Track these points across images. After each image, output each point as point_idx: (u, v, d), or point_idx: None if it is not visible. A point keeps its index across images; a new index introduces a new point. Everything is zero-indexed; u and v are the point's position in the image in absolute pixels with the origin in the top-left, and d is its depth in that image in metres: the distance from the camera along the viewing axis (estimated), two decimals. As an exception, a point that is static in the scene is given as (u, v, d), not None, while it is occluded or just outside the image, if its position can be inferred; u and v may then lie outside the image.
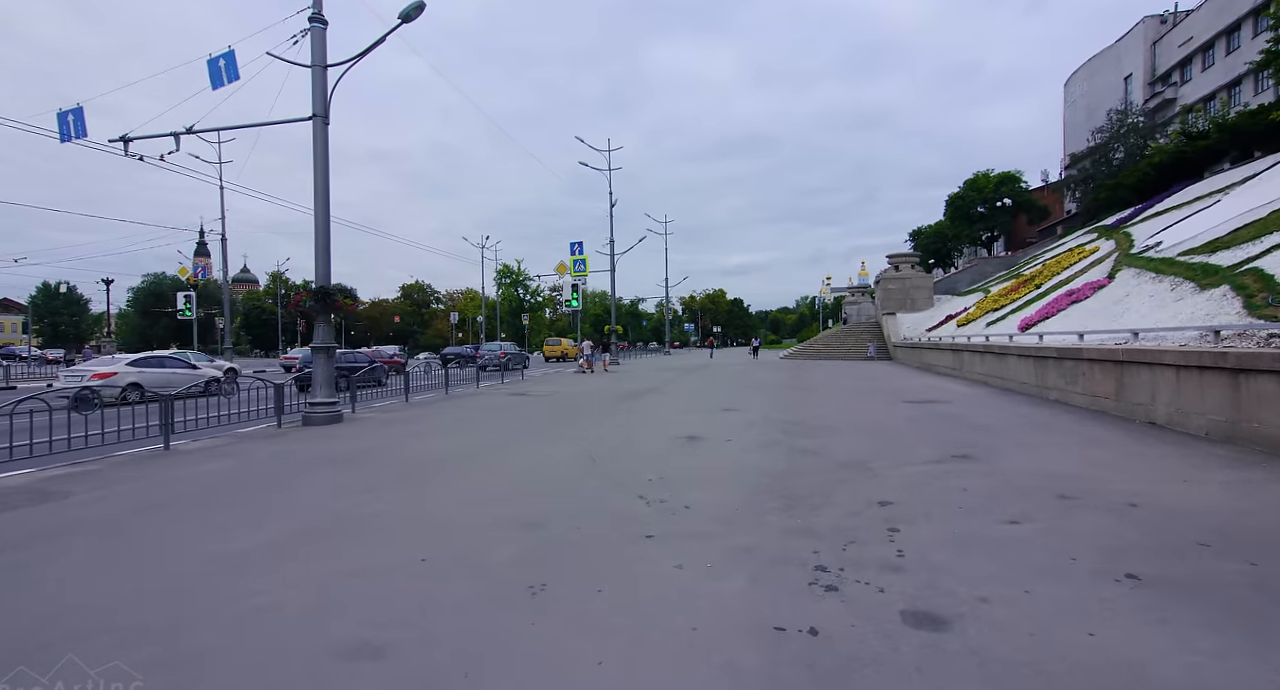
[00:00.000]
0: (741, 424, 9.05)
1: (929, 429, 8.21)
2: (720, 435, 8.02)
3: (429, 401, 13.76)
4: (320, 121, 10.11)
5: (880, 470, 5.72)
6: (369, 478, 5.91)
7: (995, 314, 21.16)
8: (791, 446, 7.10)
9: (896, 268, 33.51)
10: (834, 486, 5.14)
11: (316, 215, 10.09)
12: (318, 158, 10.10)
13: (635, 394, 14.55)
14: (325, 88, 10.19)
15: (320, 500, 5.03)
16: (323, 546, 3.87)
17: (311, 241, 10.08)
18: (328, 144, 10.19)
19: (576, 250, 26.31)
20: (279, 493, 5.38)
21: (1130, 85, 50.55)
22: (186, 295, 29.70)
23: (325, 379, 10.05)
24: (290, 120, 10.34)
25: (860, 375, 19.94)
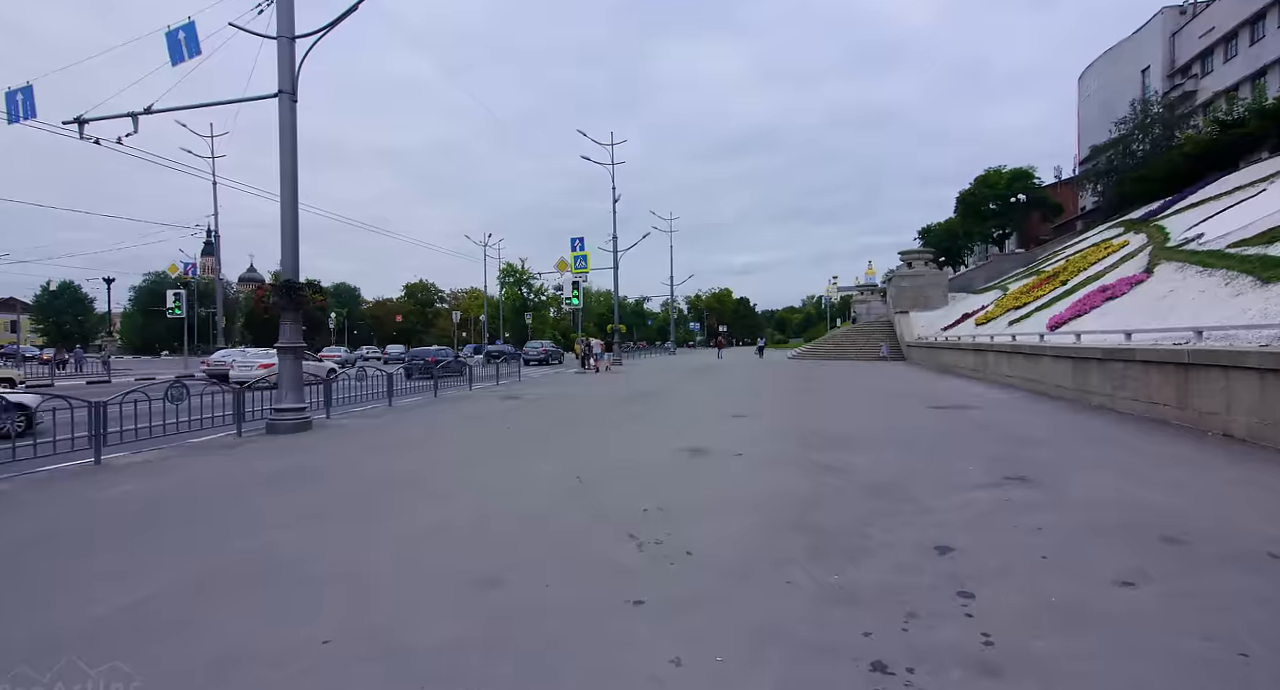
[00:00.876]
0: (752, 434, 8.05)
1: (968, 441, 7.17)
2: (729, 448, 7.02)
3: (415, 406, 12.82)
4: (287, 98, 9.17)
5: (924, 497, 4.70)
6: (309, 505, 4.94)
7: (1017, 312, 20.03)
8: (811, 463, 6.08)
9: (909, 264, 32.34)
10: (872, 521, 4.13)
11: (283, 201, 9.15)
12: (284, 138, 9.16)
13: (637, 398, 13.56)
14: (293, 61, 9.24)
15: (234, 537, 4.07)
16: (201, 612, 2.90)
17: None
18: (295, 123, 9.25)
19: (577, 246, 25.30)
20: (190, 526, 4.41)
21: (1148, 78, 49.11)
22: (176, 293, 28.92)
23: (292, 382, 9.11)
24: (255, 98, 9.41)
25: (875, 377, 18.87)
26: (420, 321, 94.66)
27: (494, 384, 18.31)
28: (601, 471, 5.96)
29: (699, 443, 7.40)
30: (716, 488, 5.24)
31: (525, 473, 5.97)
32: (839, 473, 5.62)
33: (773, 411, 10.57)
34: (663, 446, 7.23)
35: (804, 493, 4.94)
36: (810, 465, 5.99)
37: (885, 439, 7.42)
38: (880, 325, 36.04)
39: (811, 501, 4.68)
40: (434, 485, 5.53)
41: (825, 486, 5.14)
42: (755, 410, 10.76)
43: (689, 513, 4.47)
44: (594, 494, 5.07)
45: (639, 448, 7.28)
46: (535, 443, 7.78)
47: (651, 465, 6.21)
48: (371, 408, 12.39)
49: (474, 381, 18.09)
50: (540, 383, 19.46)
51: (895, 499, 4.71)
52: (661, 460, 6.44)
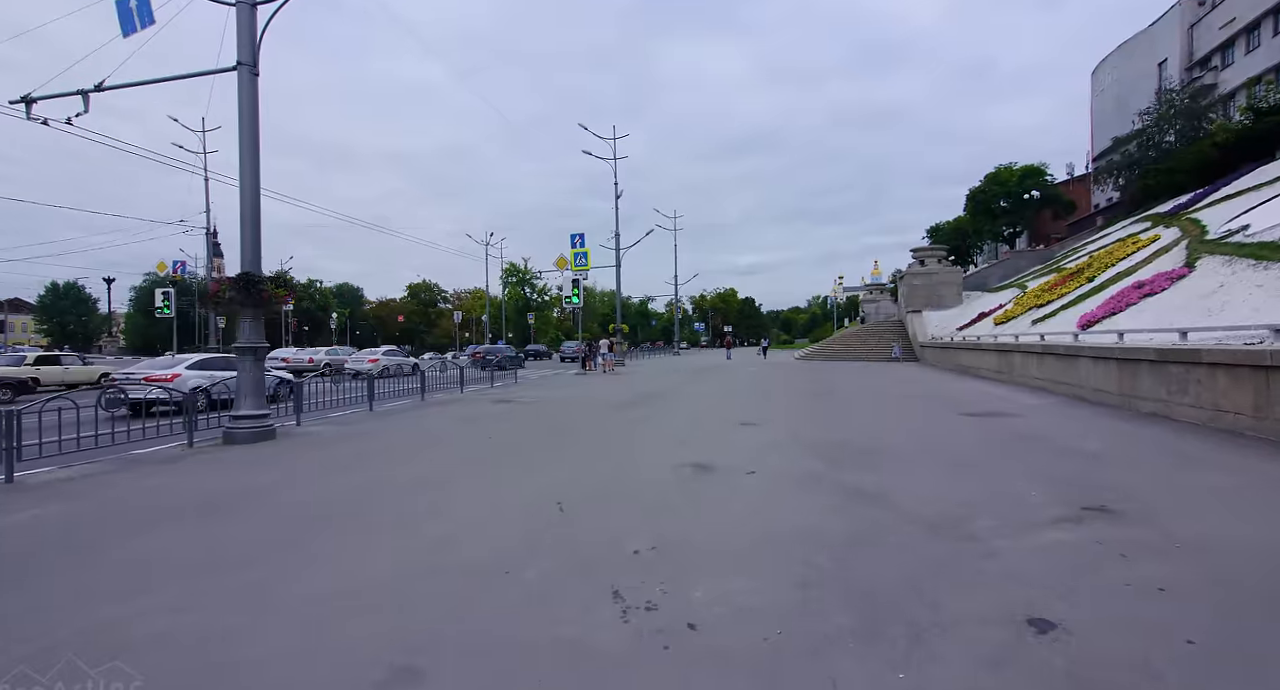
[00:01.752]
0: (765, 446, 7.06)
1: (1021, 458, 6.16)
2: (738, 463, 6.05)
3: (398, 410, 11.89)
4: (247, 71, 8.25)
5: (989, 536, 3.72)
6: (220, 543, 3.99)
7: (1040, 310, 18.96)
8: (840, 485, 5.10)
9: (922, 262, 31.22)
10: (932, 575, 3.15)
11: (242, 185, 8.24)
12: (244, 115, 8.24)
13: (637, 401, 12.59)
14: (253, 30, 8.34)
15: (94, 598, 3.12)
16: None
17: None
18: (257, 99, 8.33)
19: (578, 243, 24.31)
20: (50, 576, 3.47)
21: (1165, 71, 47.83)
22: (165, 292, 28.15)
23: (252, 387, 8.19)
24: (213, 71, 8.49)
25: (892, 379, 17.83)
26: (423, 322, 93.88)
27: (488, 386, 17.39)
28: (589, 495, 5.00)
29: (704, 456, 6.43)
30: (726, 520, 4.26)
31: (498, 497, 5.01)
32: (875, 500, 4.64)
33: (786, 418, 9.58)
34: (663, 461, 6.26)
35: (837, 530, 3.96)
36: (838, 488, 5.01)
37: (919, 453, 6.42)
38: (891, 325, 34.93)
39: (849, 542, 3.70)
40: (381, 514, 4.58)
41: (862, 520, 4.16)
42: (766, 416, 9.78)
43: (692, 557, 3.50)
44: (575, 527, 4.11)
45: (636, 462, 6.31)
46: (518, 456, 6.82)
47: (648, 486, 5.24)
48: (351, 413, 11.47)
49: (466, 383, 17.18)
50: (537, 385, 18.52)
51: (954, 538, 3.72)
52: (660, 479, 5.48)
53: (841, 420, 9.24)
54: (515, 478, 5.70)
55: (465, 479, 5.73)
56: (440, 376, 16.96)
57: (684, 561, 3.44)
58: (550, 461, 6.45)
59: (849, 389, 14.64)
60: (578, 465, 6.21)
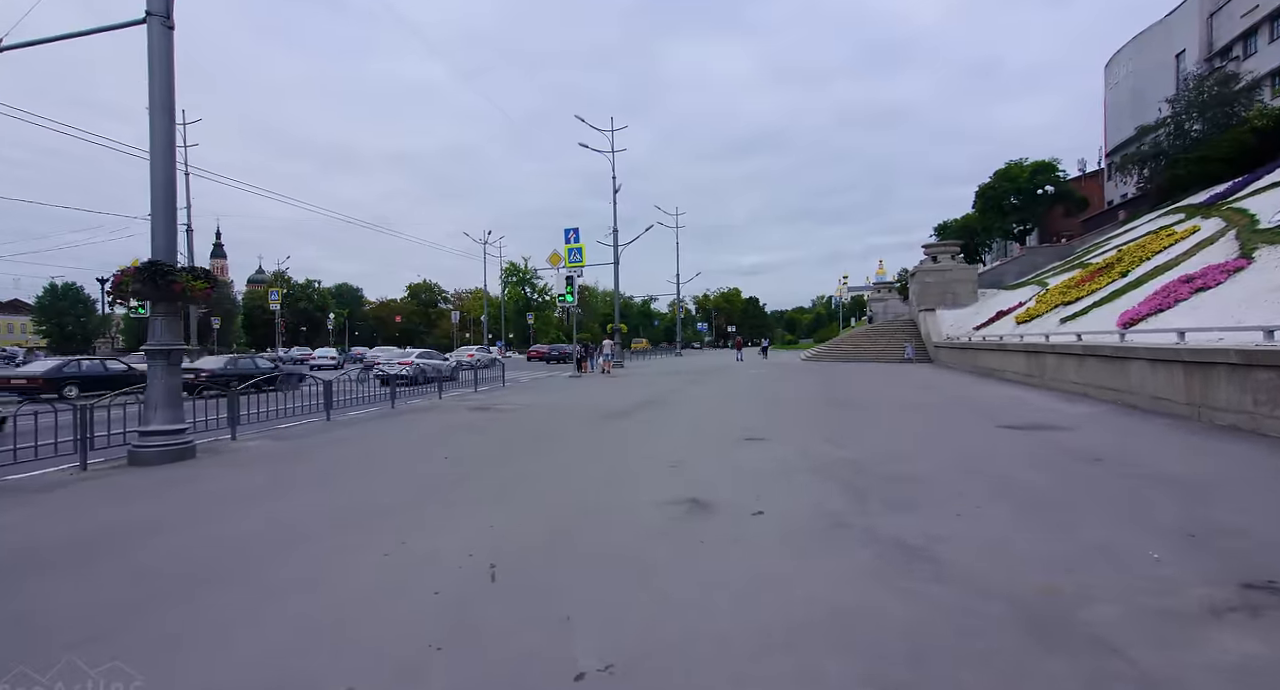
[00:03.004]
0: (774, 469, 5.74)
1: (1103, 490, 4.81)
2: (743, 498, 4.73)
3: (358, 421, 10.61)
4: (159, 23, 6.98)
5: (1133, 647, 2.39)
6: (16, 631, 2.70)
7: (1068, 308, 17.57)
8: (874, 534, 3.78)
9: (934, 258, 29.77)
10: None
11: (153, 157, 6.97)
12: (155, 74, 6.97)
13: (629, 410, 11.27)
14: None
15: None
16: None
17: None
18: (171, 55, 7.06)
19: (572, 238, 22.93)
20: None
21: (1183, 62, 46.33)
22: None
23: (166, 397, 6.91)
24: (117, 26, 7.22)
25: (908, 382, 16.45)
26: (423, 322, 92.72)
27: (471, 390, 16.10)
28: (538, 548, 3.69)
29: (699, 487, 5.11)
30: (726, 601, 2.94)
31: (416, 553, 3.70)
32: (928, 561, 3.31)
33: (797, 430, 8.25)
34: (647, 493, 4.95)
35: (890, 621, 2.64)
36: (871, 539, 3.68)
37: (965, 482, 5.08)
38: (902, 324, 33.52)
39: (912, 653, 2.38)
40: (244, 582, 3.26)
41: (921, 600, 2.83)
42: (774, 429, 8.45)
43: (672, 682, 2.18)
44: (502, 609, 2.80)
45: (613, 495, 4.99)
46: (468, 486, 5.51)
47: (622, 535, 3.92)
48: (305, 423, 10.19)
49: (450, 387, 15.92)
50: (525, 389, 17.22)
51: (1071, 643, 2.40)
52: (641, 524, 4.16)
53: (860, 433, 7.90)
54: (452, 521, 4.39)
55: (394, 517, 4.42)
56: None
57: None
58: (507, 494, 5.14)
59: (863, 394, 13.28)
60: (539, 501, 4.89)
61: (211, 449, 7.67)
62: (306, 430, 9.42)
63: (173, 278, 6.78)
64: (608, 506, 4.64)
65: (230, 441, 8.32)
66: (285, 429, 9.54)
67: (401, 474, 6.07)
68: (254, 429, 9.24)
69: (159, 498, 5.32)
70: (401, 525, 4.25)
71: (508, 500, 4.87)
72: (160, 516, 4.69)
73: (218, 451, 7.53)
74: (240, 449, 7.80)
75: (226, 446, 7.94)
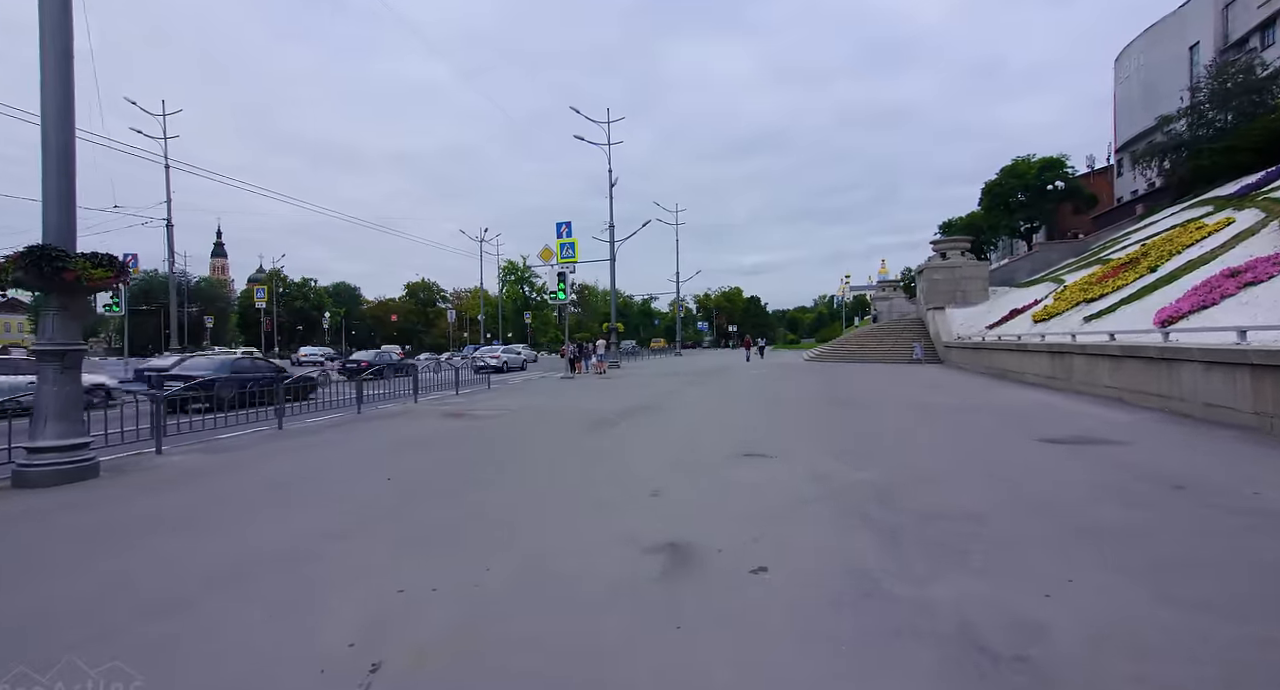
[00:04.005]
0: (779, 499, 4.64)
1: (1224, 536, 3.70)
2: (738, 543, 3.64)
3: (316, 428, 9.55)
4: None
5: None
6: None
7: (1092, 306, 16.44)
8: (932, 615, 2.68)
9: (943, 255, 28.57)
10: None
11: (44, 114, 5.89)
12: (46, 17, 5.88)
13: (617, 417, 10.19)
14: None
15: None
16: None
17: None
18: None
19: (564, 232, 21.79)
20: None
21: (1197, 54, 45.16)
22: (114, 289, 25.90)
23: (60, 406, 5.84)
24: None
25: (921, 384, 15.33)
26: (421, 321, 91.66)
27: (453, 392, 15.02)
28: (447, 635, 2.60)
29: (685, 525, 4.02)
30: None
31: (285, 632, 2.61)
32: (1025, 671, 2.21)
33: (805, 443, 7.15)
34: (617, 535, 3.86)
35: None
36: (935, 632, 2.56)
37: (1038, 524, 3.96)
38: (908, 323, 32.36)
39: None
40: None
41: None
42: (777, 440, 7.36)
43: None
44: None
45: (571, 540, 3.90)
46: (399, 521, 4.42)
47: (567, 616, 2.83)
48: (254, 431, 9.12)
49: (431, 389, 14.85)
50: (511, 392, 16.14)
51: None
52: (605, 581, 3.08)
53: (878, 447, 6.79)
54: (353, 581, 3.30)
55: (265, 582, 3.33)
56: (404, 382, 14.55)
57: None
58: (439, 538, 4.05)
59: (875, 398, 12.17)
60: (474, 550, 3.80)
61: (123, 466, 6.59)
62: (251, 441, 8.35)
63: (63, 264, 5.69)
64: (561, 559, 3.54)
65: (154, 456, 7.24)
66: (229, 439, 8.46)
67: (326, 503, 4.98)
68: (190, 440, 8.18)
69: (12, 538, 4.24)
70: (282, 587, 3.16)
71: (437, 547, 3.78)
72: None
73: (127, 470, 6.45)
74: (159, 466, 6.72)
75: (144, 463, 6.87)
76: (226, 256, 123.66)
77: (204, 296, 77.75)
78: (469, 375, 14.12)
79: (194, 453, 7.49)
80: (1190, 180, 25.01)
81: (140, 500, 5.19)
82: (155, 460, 7.02)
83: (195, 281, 77.97)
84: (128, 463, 6.80)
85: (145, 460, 7.01)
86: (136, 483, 5.87)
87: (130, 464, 6.75)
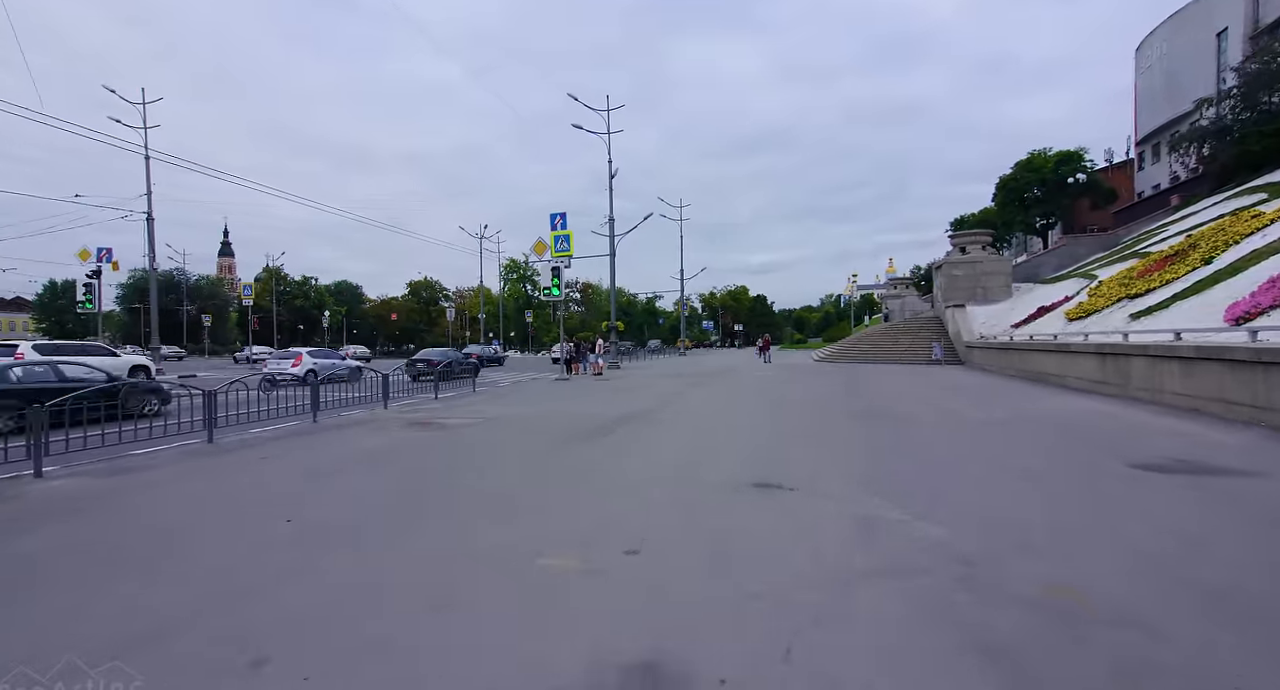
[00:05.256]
0: (817, 571, 3.19)
1: None
2: (753, 663, 2.21)
3: (257, 441, 8.19)
4: None
5: None
6: None
7: (1136, 302, 14.88)
8: None
9: (963, 250, 26.92)
10: None
11: None
12: None
13: (605, 428, 8.77)
14: None
15: None
16: None
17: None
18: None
19: (559, 223, 20.34)
20: None
21: (1224, 41, 43.31)
22: (87, 284, 24.68)
23: None
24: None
25: (953, 390, 13.83)
26: (424, 320, 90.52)
27: (431, 397, 13.65)
28: None
29: (672, 621, 2.59)
30: None
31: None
32: None
33: (832, 469, 5.70)
34: (571, 637, 2.44)
35: None
36: None
37: (1241, 642, 2.52)
38: (924, 322, 30.75)
39: None
40: None
41: None
42: (797, 464, 5.92)
43: None
44: None
45: (504, 652, 2.48)
46: (255, 602, 3.02)
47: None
48: (179, 446, 7.76)
49: (396, 396, 13.51)
50: (497, 397, 14.75)
51: None
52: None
53: (931, 478, 5.33)
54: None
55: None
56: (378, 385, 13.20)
57: None
58: (290, 642, 2.64)
59: (904, 406, 10.69)
60: (326, 672, 2.39)
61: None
62: (169, 459, 6.98)
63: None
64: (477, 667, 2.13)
65: (31, 481, 5.88)
66: (143, 456, 7.10)
67: (187, 566, 3.58)
68: (95, 457, 6.82)
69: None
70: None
71: (272, 667, 2.37)
72: None
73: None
74: (21, 495, 5.35)
75: (9, 490, 5.50)
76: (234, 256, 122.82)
77: (203, 295, 76.86)
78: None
79: (87, 476, 6.12)
80: (1233, 167, 23.30)
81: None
82: (27, 487, 5.66)
83: (195, 279, 77.10)
84: None
85: (16, 486, 5.65)
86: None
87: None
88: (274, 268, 75.30)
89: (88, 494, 5.39)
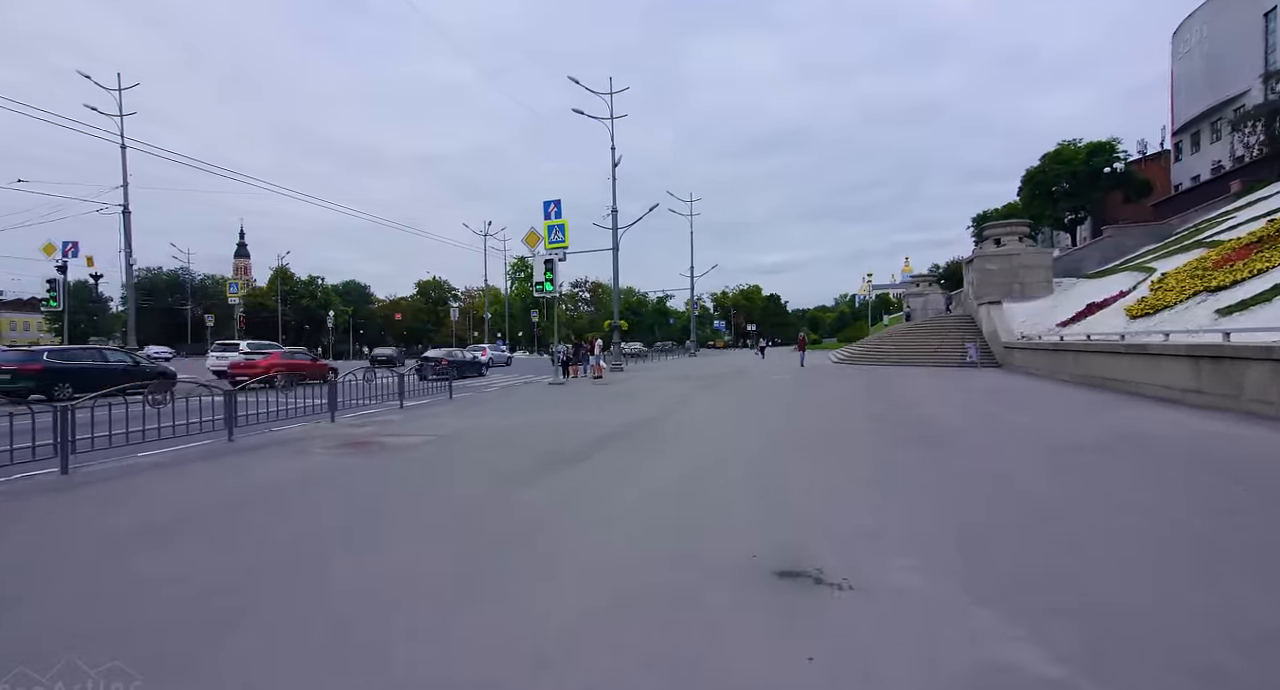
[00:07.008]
0: None
1: None
2: None
3: (143, 467, 6.40)
4: None
5: None
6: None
7: (1220, 296, 12.72)
8: None
9: (998, 242, 24.61)
10: None
11: None
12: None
13: (590, 447, 6.86)
14: None
15: None
16: None
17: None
18: None
19: (552, 212, 18.43)
20: None
21: (1273, 21, 40.54)
22: (51, 281, 23.25)
23: None
24: None
25: (1008, 401, 11.76)
26: (432, 320, 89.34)
27: (397, 406, 11.85)
28: None
29: None
30: None
31: None
32: None
33: (895, 535, 3.75)
34: None
35: None
36: None
37: None
38: (955, 321, 28.48)
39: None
40: None
41: None
42: (837, 524, 3.98)
43: None
44: None
45: None
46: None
47: None
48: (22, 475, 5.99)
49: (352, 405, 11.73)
50: (477, 403, 12.90)
51: None
52: None
53: (1064, 554, 3.36)
54: None
55: None
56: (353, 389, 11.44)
57: None
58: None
59: (960, 421, 8.67)
60: None
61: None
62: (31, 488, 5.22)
63: None
64: None
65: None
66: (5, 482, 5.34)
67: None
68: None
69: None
70: None
71: None
72: None
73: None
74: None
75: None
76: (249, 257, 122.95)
77: (209, 294, 76.32)
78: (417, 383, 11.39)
79: None
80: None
81: None
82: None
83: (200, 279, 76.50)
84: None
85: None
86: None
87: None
88: (280, 267, 74.48)
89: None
